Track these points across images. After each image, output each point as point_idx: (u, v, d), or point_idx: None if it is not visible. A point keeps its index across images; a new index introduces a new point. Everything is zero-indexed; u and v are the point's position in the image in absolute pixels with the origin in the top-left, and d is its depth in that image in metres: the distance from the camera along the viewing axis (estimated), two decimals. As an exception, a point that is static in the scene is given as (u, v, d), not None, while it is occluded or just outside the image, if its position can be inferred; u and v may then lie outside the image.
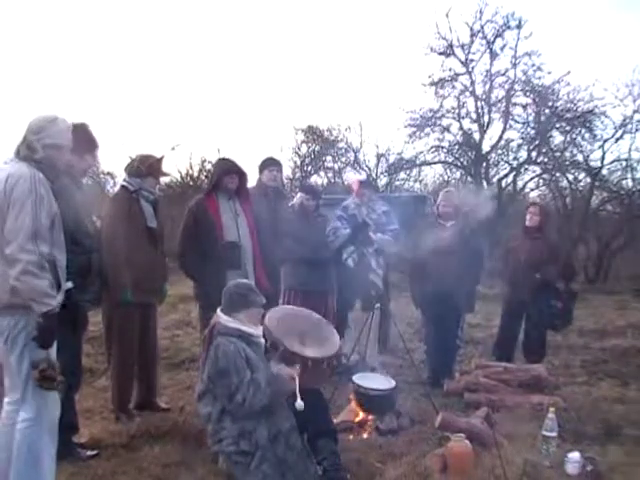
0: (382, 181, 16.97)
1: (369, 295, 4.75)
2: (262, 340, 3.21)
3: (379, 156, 17.27)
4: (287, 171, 17.91)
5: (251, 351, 3.06)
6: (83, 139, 3.35)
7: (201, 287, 4.09)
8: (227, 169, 4.14)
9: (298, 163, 18.25)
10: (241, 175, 4.17)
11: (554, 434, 3.19)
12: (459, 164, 16.83)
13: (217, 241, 3.97)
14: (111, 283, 3.71)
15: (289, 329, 3.32)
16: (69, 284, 2.79)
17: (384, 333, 5.10)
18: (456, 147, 16.44)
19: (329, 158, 18.50)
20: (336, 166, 18.42)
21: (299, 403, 2.88)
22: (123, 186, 3.96)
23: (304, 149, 18.36)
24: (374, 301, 4.62)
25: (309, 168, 18.45)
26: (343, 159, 18.27)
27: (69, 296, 2.79)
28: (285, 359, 3.12)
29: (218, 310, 3.17)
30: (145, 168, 3.93)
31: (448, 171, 17.52)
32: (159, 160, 4.00)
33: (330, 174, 18.61)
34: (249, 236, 4.13)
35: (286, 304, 5.10)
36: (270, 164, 4.90)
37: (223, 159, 4.34)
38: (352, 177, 5.57)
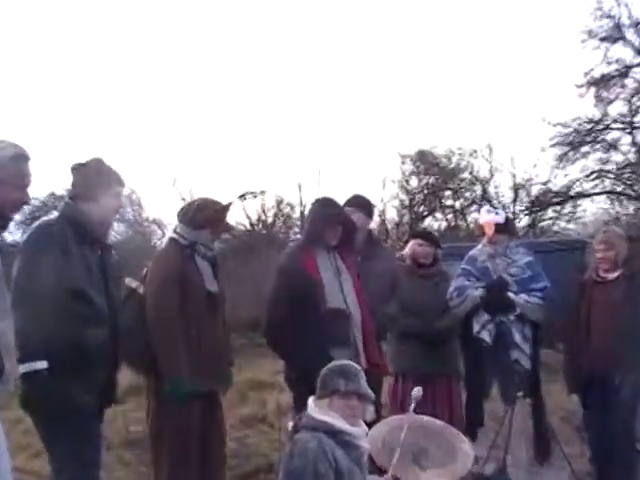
0: (522, 222, 16.70)
1: (511, 380, 4.64)
2: (363, 444, 3.19)
3: (517, 188, 17.06)
4: (392, 213, 18.09)
5: (344, 454, 3.04)
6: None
7: (295, 369, 4.06)
8: (333, 220, 4.12)
9: (406, 202, 18.35)
10: (347, 225, 4.19)
11: None
12: (633, 194, 16.19)
13: (319, 308, 3.93)
14: (161, 367, 3.73)
15: (400, 450, 3.36)
16: (43, 363, 2.85)
17: (540, 435, 4.88)
18: (627, 170, 15.91)
19: (448, 194, 18.46)
20: (458, 204, 18.35)
21: None
22: (173, 239, 4.00)
23: (414, 182, 18.48)
24: (517, 388, 4.50)
25: (421, 208, 18.48)
26: (467, 194, 18.19)
27: (43, 380, 2.86)
28: None
29: (310, 398, 3.23)
30: (202, 217, 3.92)
31: (617, 204, 16.91)
32: (224, 208, 4.05)
33: (450, 215, 18.55)
34: (356, 301, 4.09)
35: (393, 392, 5.06)
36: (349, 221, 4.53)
37: (325, 203, 4.23)
38: (485, 217, 5.42)
